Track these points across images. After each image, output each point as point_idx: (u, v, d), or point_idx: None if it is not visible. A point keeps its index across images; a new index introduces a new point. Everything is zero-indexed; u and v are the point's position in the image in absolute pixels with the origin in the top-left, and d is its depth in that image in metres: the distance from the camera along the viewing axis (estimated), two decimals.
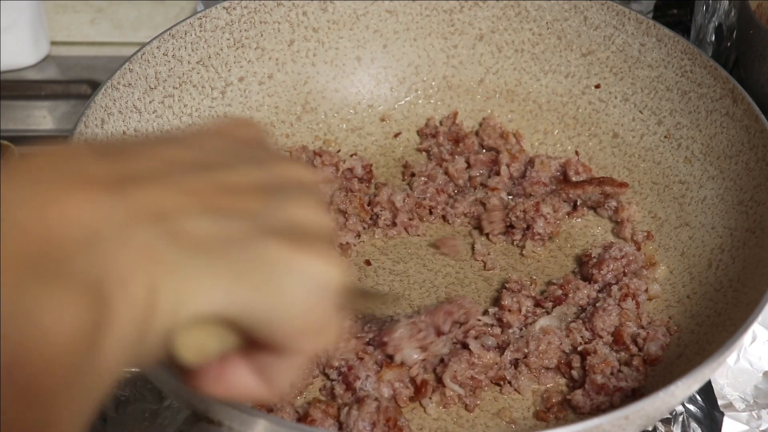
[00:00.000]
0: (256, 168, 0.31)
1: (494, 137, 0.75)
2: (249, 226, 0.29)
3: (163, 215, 0.27)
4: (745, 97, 0.65)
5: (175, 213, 0.28)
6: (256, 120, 0.35)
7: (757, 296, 0.55)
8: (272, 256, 0.29)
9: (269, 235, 0.29)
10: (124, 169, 0.28)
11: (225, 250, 0.28)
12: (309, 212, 0.31)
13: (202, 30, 0.70)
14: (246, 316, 0.29)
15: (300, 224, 0.30)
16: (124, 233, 0.26)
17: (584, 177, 0.71)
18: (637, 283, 0.63)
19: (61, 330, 0.24)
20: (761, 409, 0.60)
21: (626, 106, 0.73)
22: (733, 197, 0.65)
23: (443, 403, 0.59)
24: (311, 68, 0.76)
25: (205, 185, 0.29)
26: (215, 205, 0.29)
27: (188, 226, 0.28)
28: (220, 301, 0.28)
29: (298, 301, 0.30)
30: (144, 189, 0.27)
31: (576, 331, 0.61)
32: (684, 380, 0.49)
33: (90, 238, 0.26)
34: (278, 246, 0.29)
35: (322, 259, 0.30)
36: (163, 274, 0.27)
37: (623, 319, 0.61)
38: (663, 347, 0.60)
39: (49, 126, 0.86)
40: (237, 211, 0.29)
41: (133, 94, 0.66)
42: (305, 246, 0.30)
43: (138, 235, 0.26)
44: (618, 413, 0.47)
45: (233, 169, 0.30)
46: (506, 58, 0.77)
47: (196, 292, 0.28)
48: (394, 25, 0.77)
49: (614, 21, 0.73)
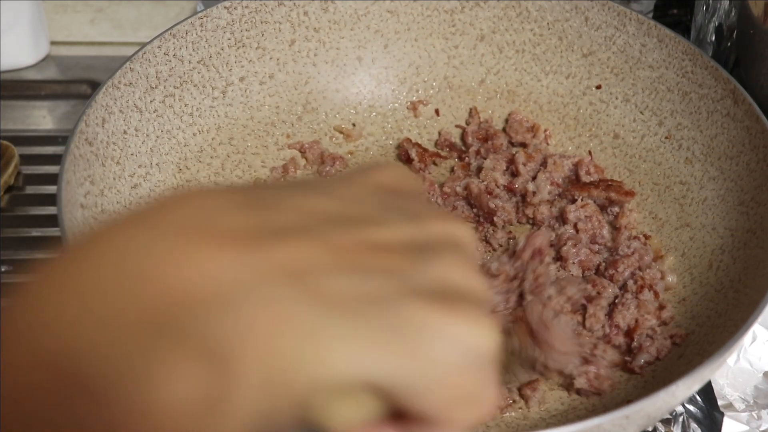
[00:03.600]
0: (406, 223, 0.28)
1: (522, 132, 0.75)
2: (394, 285, 0.26)
3: (302, 274, 0.25)
4: (746, 97, 0.65)
5: (314, 271, 0.25)
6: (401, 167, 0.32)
7: (758, 297, 0.55)
8: (419, 318, 0.26)
9: (416, 297, 0.26)
10: (264, 222, 0.25)
11: (367, 311, 0.25)
12: (460, 273, 0.28)
13: (203, 29, 0.70)
14: (391, 383, 0.26)
15: (450, 286, 0.28)
16: (259, 294, 0.24)
17: (595, 178, 0.71)
18: (652, 273, 0.64)
19: (186, 396, 0.23)
20: (761, 410, 0.60)
21: (627, 107, 0.73)
22: (734, 198, 0.65)
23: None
24: (312, 68, 0.76)
25: (350, 242, 0.26)
26: (359, 263, 0.26)
27: (328, 285, 0.25)
28: (362, 366, 0.25)
29: (448, 369, 0.26)
30: (284, 245, 0.25)
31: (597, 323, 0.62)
32: (684, 380, 0.49)
33: (222, 300, 0.24)
34: (426, 308, 0.26)
35: (474, 322, 0.27)
36: (301, 338, 0.24)
37: (642, 311, 0.62)
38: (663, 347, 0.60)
39: (49, 126, 0.86)
40: (382, 270, 0.26)
41: (133, 93, 0.66)
42: (455, 308, 0.27)
43: (274, 297, 0.24)
44: (618, 413, 0.47)
45: (381, 225, 0.28)
46: (507, 59, 0.77)
47: (335, 358, 0.25)
48: (395, 26, 0.77)
49: (615, 22, 0.73)
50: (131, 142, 0.65)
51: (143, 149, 0.66)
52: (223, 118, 0.72)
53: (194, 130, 0.70)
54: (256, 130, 0.74)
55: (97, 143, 0.62)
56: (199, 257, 0.24)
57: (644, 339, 0.60)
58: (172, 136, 0.69)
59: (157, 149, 0.67)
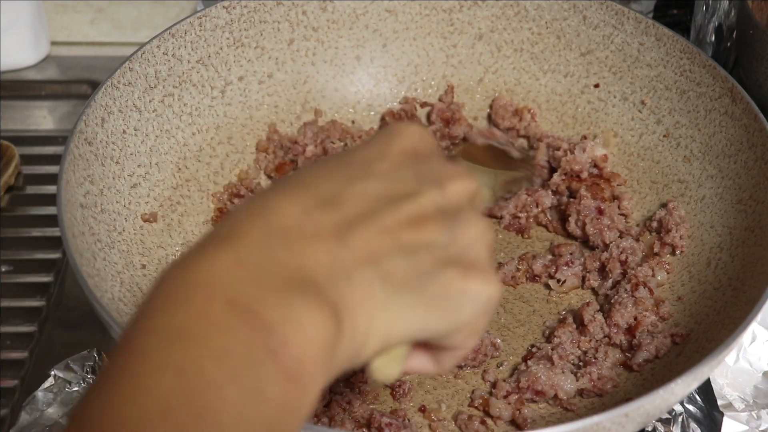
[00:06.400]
0: (434, 190, 0.38)
1: (508, 117, 0.75)
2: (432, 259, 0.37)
3: (372, 259, 0.35)
4: (744, 96, 0.65)
5: (379, 256, 0.35)
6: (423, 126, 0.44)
7: (756, 294, 0.55)
8: (452, 286, 0.37)
9: (447, 267, 0.37)
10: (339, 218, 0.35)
11: (417, 285, 0.36)
12: (476, 233, 0.39)
13: (201, 29, 0.70)
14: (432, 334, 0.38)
15: (470, 246, 0.38)
16: (350, 276, 0.34)
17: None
18: (644, 271, 0.64)
19: (317, 335, 0.32)
20: (761, 409, 0.60)
21: (625, 106, 0.73)
22: (732, 196, 0.65)
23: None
24: (311, 67, 0.76)
25: (395, 222, 0.36)
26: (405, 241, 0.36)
27: (391, 267, 0.35)
28: (417, 327, 0.37)
29: (470, 319, 0.38)
30: (355, 236, 0.35)
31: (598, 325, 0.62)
32: (684, 378, 0.49)
33: (331, 277, 0.34)
34: (455, 276, 0.37)
35: (487, 282, 0.38)
36: (378, 309, 0.35)
37: (640, 308, 0.62)
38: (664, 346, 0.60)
39: (49, 126, 0.87)
40: (422, 244, 0.37)
41: (133, 93, 0.66)
42: (474, 271, 0.38)
43: (358, 278, 0.34)
44: (618, 410, 0.47)
45: (417, 198, 0.37)
46: (505, 58, 0.77)
47: (400, 323, 0.36)
48: (393, 25, 0.77)
49: (613, 20, 0.73)
50: (130, 142, 0.65)
51: (142, 149, 0.66)
52: (222, 117, 0.72)
53: (193, 130, 0.70)
54: (255, 129, 0.74)
55: (96, 143, 0.62)
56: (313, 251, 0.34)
57: (644, 336, 0.60)
58: (171, 136, 0.69)
59: (157, 149, 0.67)
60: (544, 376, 0.58)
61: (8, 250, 0.74)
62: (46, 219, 0.77)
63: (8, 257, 0.73)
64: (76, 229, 0.57)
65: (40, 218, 0.77)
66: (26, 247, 0.75)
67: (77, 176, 0.59)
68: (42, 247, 0.75)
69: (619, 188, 0.71)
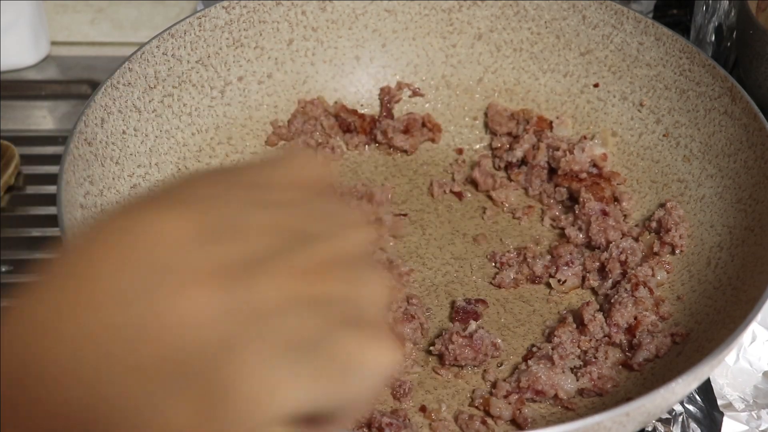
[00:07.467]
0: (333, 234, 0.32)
1: (504, 123, 0.75)
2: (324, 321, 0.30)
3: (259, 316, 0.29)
4: (744, 95, 0.65)
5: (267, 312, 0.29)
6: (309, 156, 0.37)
7: (757, 294, 0.55)
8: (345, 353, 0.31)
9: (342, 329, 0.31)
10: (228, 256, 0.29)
11: (306, 350, 0.29)
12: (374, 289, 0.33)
13: (201, 29, 0.70)
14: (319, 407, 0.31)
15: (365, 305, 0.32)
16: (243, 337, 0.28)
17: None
18: (644, 270, 0.64)
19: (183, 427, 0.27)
20: (761, 409, 0.60)
21: (624, 105, 0.73)
22: (732, 195, 0.65)
23: None
24: (310, 67, 0.76)
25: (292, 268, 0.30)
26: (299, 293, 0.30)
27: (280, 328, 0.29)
28: (306, 399, 0.30)
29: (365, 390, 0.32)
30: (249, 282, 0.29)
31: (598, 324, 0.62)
32: (684, 377, 0.49)
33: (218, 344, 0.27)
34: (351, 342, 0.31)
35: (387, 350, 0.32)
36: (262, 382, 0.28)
37: (640, 307, 0.62)
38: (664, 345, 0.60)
39: (49, 126, 0.87)
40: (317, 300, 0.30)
41: (132, 93, 0.66)
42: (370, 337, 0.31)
43: (253, 338, 0.28)
44: (619, 410, 0.47)
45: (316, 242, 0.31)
46: (505, 57, 0.77)
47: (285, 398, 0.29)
48: (392, 25, 0.77)
49: (613, 20, 0.73)
50: (130, 142, 0.65)
51: (142, 149, 0.66)
52: (221, 117, 0.72)
53: (193, 130, 0.70)
54: (254, 129, 0.74)
55: (96, 143, 0.62)
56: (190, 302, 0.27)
57: (644, 336, 0.60)
58: (171, 136, 0.69)
59: (156, 149, 0.67)
60: (545, 376, 0.58)
61: (8, 250, 0.74)
62: (46, 219, 0.77)
63: (8, 257, 0.73)
64: (76, 229, 0.57)
65: (40, 218, 0.77)
66: (26, 247, 0.75)
67: (77, 176, 0.59)
68: (42, 247, 0.75)
69: (619, 188, 0.71)
